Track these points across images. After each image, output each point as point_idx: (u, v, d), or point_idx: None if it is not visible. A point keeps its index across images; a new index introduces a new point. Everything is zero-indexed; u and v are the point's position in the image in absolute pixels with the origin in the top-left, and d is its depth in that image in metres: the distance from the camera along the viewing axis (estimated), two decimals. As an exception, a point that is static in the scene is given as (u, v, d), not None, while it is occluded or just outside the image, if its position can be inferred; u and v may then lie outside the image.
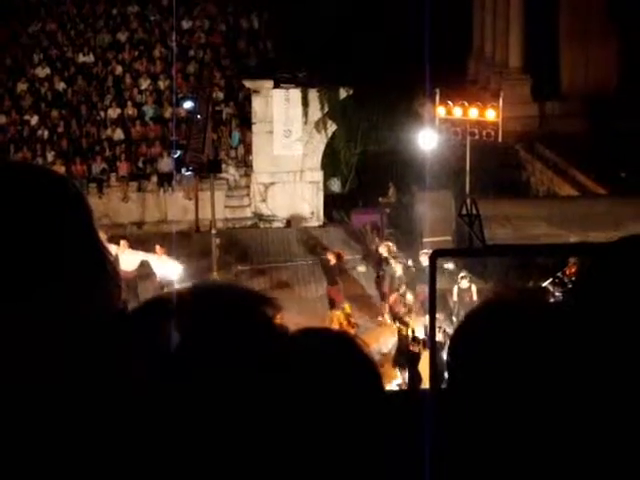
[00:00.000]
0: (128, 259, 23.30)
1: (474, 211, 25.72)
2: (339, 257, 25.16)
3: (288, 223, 31.92)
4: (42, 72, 35.18)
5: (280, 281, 26.69)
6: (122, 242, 23.94)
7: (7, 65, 35.54)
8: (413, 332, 20.04)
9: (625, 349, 1.64)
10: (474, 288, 21.88)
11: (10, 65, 35.57)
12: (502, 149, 29.96)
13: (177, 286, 1.63)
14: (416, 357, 19.30)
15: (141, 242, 25.66)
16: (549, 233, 23.06)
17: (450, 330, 20.38)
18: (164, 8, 38.64)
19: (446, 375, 1.76)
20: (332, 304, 23.16)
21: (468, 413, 1.64)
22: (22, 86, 34.49)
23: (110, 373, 1.44)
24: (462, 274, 22.15)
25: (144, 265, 23.91)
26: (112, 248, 22.94)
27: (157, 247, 24.04)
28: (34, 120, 33.11)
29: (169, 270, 23.33)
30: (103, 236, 1.76)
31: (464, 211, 26.33)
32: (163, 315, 1.47)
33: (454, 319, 21.00)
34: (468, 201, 26.43)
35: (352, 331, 20.11)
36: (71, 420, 1.47)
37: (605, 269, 1.75)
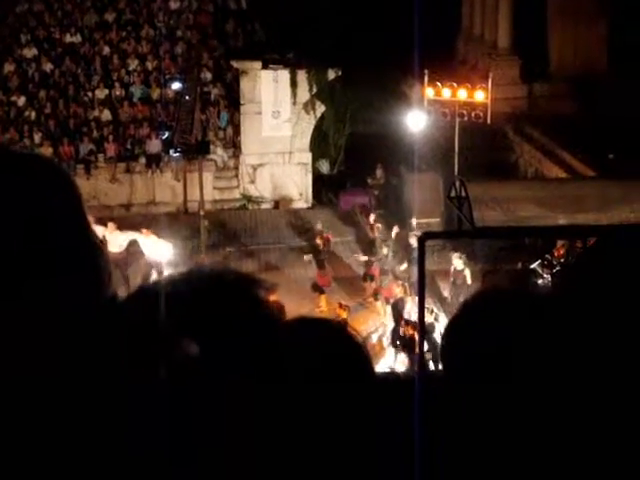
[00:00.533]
0: (116, 240, 23.21)
1: (463, 193, 25.74)
2: (326, 241, 25.18)
3: (276, 204, 31.89)
4: (29, 53, 34.99)
5: (269, 263, 26.68)
6: (110, 224, 23.86)
7: (-7, 45, 35.36)
8: (402, 316, 20.08)
9: (619, 339, 1.63)
10: (468, 271, 21.86)
11: (-4, 45, 35.39)
12: (491, 131, 29.96)
13: (168, 270, 1.62)
14: (413, 340, 19.33)
15: (129, 224, 25.56)
16: (538, 215, 23.10)
17: (439, 312, 20.46)
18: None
19: (437, 363, 1.76)
20: (317, 288, 23.10)
21: (462, 401, 1.63)
22: (9, 67, 34.31)
23: (102, 362, 1.43)
24: (457, 254, 22.12)
25: (133, 245, 23.79)
26: (99, 229, 22.91)
27: (143, 231, 23.91)
28: (21, 101, 32.95)
29: (159, 250, 23.26)
30: (91, 219, 1.74)
31: (453, 193, 26.36)
32: (155, 303, 1.46)
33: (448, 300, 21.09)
34: (457, 183, 26.44)
35: (344, 314, 20.16)
36: (67, 412, 1.45)
37: (597, 259, 1.74)
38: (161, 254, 23.06)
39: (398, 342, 19.61)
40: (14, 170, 1.64)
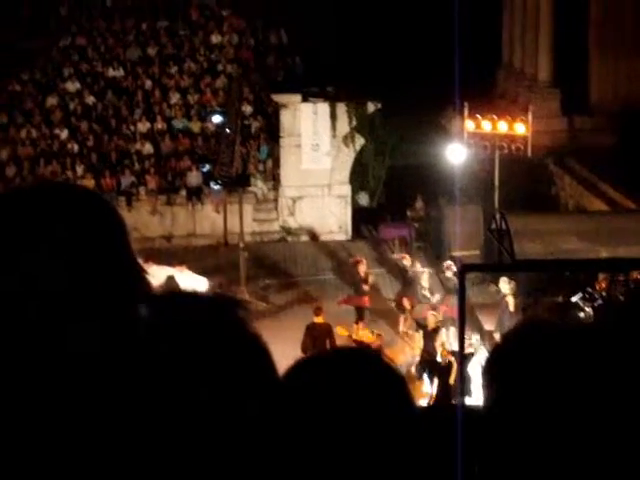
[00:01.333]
0: (154, 274, 23.34)
1: (503, 226, 25.63)
2: (358, 263, 25.13)
3: (316, 237, 31.93)
4: (72, 86, 35.44)
5: (308, 295, 26.67)
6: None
7: (37, 79, 35.84)
8: (443, 344, 19.98)
9: None
10: (511, 299, 21.67)
11: (40, 79, 35.87)
12: (531, 163, 29.85)
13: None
14: (447, 368, 19.22)
15: (170, 256, 25.70)
16: (579, 248, 22.91)
17: (476, 341, 20.34)
18: (193, 23, 38.89)
19: (481, 393, 1.75)
20: (359, 315, 23.07)
21: (505, 433, 1.63)
22: (52, 100, 34.75)
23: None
24: (504, 278, 21.94)
25: (171, 280, 23.95)
26: (165, 270, 23.18)
27: (177, 267, 24.01)
28: (64, 134, 33.33)
29: (195, 284, 23.35)
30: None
31: (493, 226, 26.24)
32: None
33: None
34: (497, 215, 26.33)
35: (377, 343, 20.08)
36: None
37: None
38: (197, 288, 23.08)
39: (431, 370, 19.51)
40: (60, 202, 1.66)
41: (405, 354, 21.16)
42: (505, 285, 21.89)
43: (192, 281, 23.50)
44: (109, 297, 1.60)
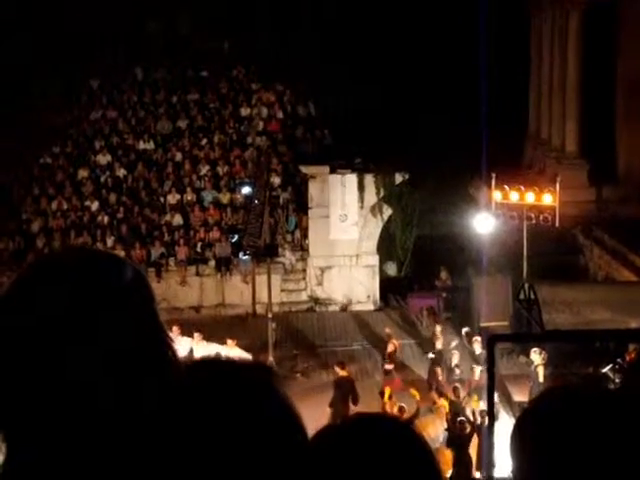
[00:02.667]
0: (200, 350, 23.37)
1: (532, 296, 25.53)
2: (395, 347, 24.94)
3: (344, 307, 31.86)
4: (103, 159, 35.84)
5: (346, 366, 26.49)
6: (196, 334, 24.06)
7: (69, 152, 36.28)
8: (459, 414, 19.79)
9: None
10: (541, 369, 21.44)
11: (71, 152, 36.30)
12: (560, 234, 29.78)
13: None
14: (465, 439, 19.02)
15: (199, 327, 25.67)
16: (608, 318, 22.75)
17: (509, 416, 20.10)
18: (223, 96, 39.36)
19: (505, 462, 1.76)
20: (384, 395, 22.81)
21: None
22: (83, 173, 35.13)
23: None
24: (536, 349, 21.72)
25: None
26: (186, 340, 23.17)
27: (229, 342, 23.99)
28: (94, 206, 33.62)
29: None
30: (177, 331, 1.83)
31: (522, 296, 26.14)
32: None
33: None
34: (526, 286, 26.25)
35: (407, 415, 19.89)
36: None
37: None
38: None
39: (453, 442, 19.32)
40: (92, 270, 1.70)
41: (435, 427, 20.91)
42: (536, 356, 21.68)
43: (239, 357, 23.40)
44: (136, 362, 1.63)
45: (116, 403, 1.58)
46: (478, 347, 22.86)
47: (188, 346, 23.24)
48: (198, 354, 22.68)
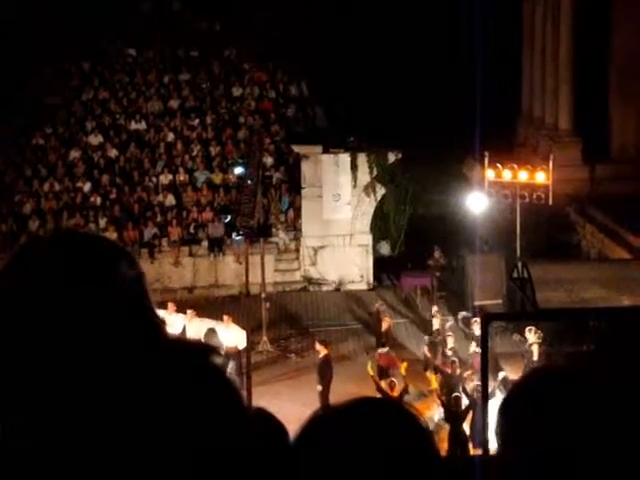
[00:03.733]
0: (194, 327, 23.47)
1: (525, 274, 25.58)
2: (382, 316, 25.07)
3: (337, 287, 31.92)
4: (95, 140, 35.77)
5: (330, 345, 26.57)
6: (189, 311, 24.15)
7: (60, 133, 36.20)
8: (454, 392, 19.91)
9: None
10: (536, 347, 21.50)
11: (63, 133, 36.23)
12: (553, 212, 29.81)
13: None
14: (461, 414, 19.13)
15: (192, 307, 25.72)
16: (601, 296, 22.81)
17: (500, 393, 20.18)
18: (215, 76, 39.26)
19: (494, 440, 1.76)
20: (382, 372, 22.81)
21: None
22: (75, 154, 35.07)
23: None
24: (531, 327, 21.80)
25: (210, 335, 24.10)
26: (180, 317, 23.23)
27: (225, 317, 24.06)
28: (87, 187, 33.60)
29: (234, 338, 23.41)
30: (172, 307, 1.83)
31: (515, 274, 26.19)
32: None
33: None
34: (519, 264, 26.31)
35: (394, 393, 19.95)
36: None
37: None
38: (238, 342, 23.19)
39: (446, 417, 19.46)
40: (82, 252, 1.70)
41: (431, 409, 20.98)
42: (531, 334, 21.75)
43: (233, 334, 23.51)
44: (122, 342, 1.63)
45: (103, 384, 1.58)
46: (477, 328, 22.87)
47: (181, 323, 23.31)
48: (192, 331, 22.80)
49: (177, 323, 23.26)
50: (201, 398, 1.56)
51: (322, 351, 22.29)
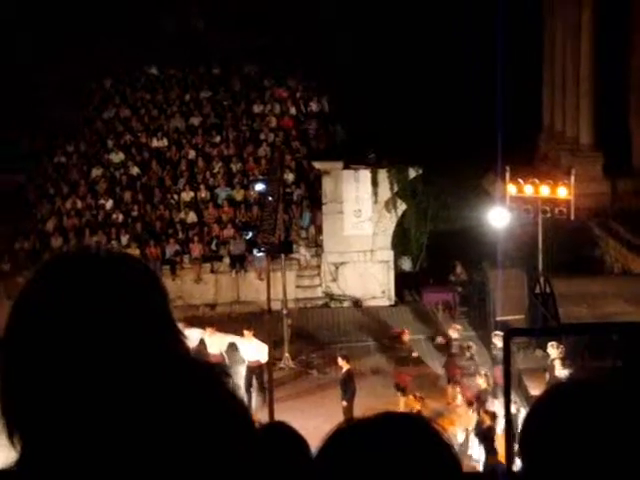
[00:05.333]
0: (215, 342, 23.53)
1: (547, 289, 25.47)
2: (402, 335, 25.01)
3: (359, 302, 31.88)
4: (116, 157, 35.94)
5: (351, 362, 26.53)
6: (208, 328, 24.21)
7: (82, 151, 36.39)
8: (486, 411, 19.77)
9: None
10: (558, 362, 21.38)
11: (85, 151, 36.42)
12: (575, 227, 29.69)
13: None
14: (490, 432, 18.99)
15: (214, 323, 25.77)
16: (625, 311, 22.68)
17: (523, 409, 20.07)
18: (236, 93, 39.40)
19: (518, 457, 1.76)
20: (400, 389, 22.77)
21: None
22: (97, 171, 35.25)
23: None
24: (552, 342, 21.68)
25: (232, 348, 24.18)
26: (197, 332, 23.27)
27: (245, 332, 24.13)
28: (109, 204, 33.74)
29: (256, 352, 23.44)
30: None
31: (537, 289, 26.08)
32: None
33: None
34: (541, 279, 26.21)
35: (417, 406, 19.92)
36: None
37: None
38: (260, 356, 23.22)
39: (478, 433, 19.31)
40: (106, 268, 1.71)
41: (453, 425, 20.89)
42: (553, 350, 21.64)
43: (255, 348, 23.55)
44: (148, 364, 1.64)
45: (125, 400, 1.59)
46: (499, 341, 22.80)
47: (198, 337, 23.36)
48: (214, 346, 22.90)
49: (193, 336, 23.33)
50: (209, 413, 1.57)
51: (344, 366, 22.28)
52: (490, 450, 18.58)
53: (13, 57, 36.87)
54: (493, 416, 19.10)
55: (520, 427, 1.74)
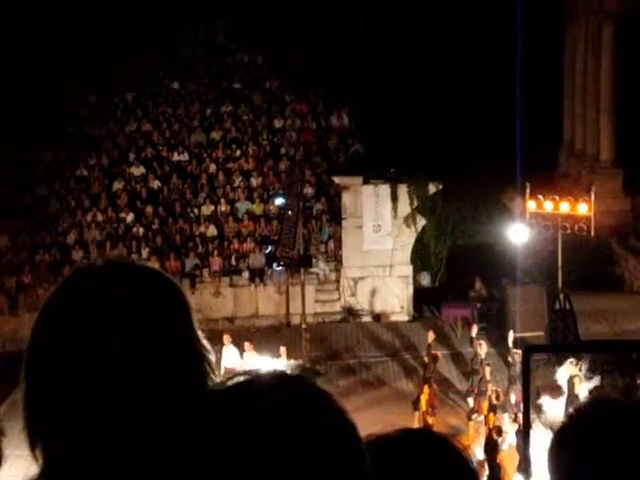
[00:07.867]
0: (251, 361, 23.50)
1: (567, 306, 25.37)
2: (435, 359, 24.86)
3: (377, 317, 31.82)
4: (137, 171, 36.06)
5: (370, 377, 26.51)
6: (246, 344, 24.14)
7: (103, 164, 36.54)
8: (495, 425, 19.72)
9: None
10: (578, 380, 21.29)
11: (107, 164, 36.56)
12: (595, 243, 29.59)
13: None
14: (495, 446, 18.95)
15: (234, 336, 25.76)
16: (645, 328, 22.59)
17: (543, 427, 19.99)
18: (256, 107, 39.50)
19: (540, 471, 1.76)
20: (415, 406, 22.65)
21: None
22: (118, 185, 35.37)
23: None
24: (571, 359, 21.59)
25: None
26: (235, 350, 23.21)
27: (282, 349, 23.98)
28: (129, 218, 33.83)
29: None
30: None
31: (557, 306, 25.97)
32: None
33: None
34: (561, 296, 26.11)
35: (430, 420, 19.88)
36: None
37: None
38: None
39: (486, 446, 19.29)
40: (130, 280, 1.74)
41: (474, 440, 20.80)
42: (572, 367, 21.55)
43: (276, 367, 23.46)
44: (172, 375, 1.65)
45: (146, 413, 1.61)
46: (518, 358, 22.69)
47: (237, 354, 23.33)
48: (249, 363, 22.90)
49: (231, 354, 23.36)
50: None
51: None
52: (494, 465, 18.56)
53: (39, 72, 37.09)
54: (499, 431, 19.07)
55: (551, 445, 1.72)
